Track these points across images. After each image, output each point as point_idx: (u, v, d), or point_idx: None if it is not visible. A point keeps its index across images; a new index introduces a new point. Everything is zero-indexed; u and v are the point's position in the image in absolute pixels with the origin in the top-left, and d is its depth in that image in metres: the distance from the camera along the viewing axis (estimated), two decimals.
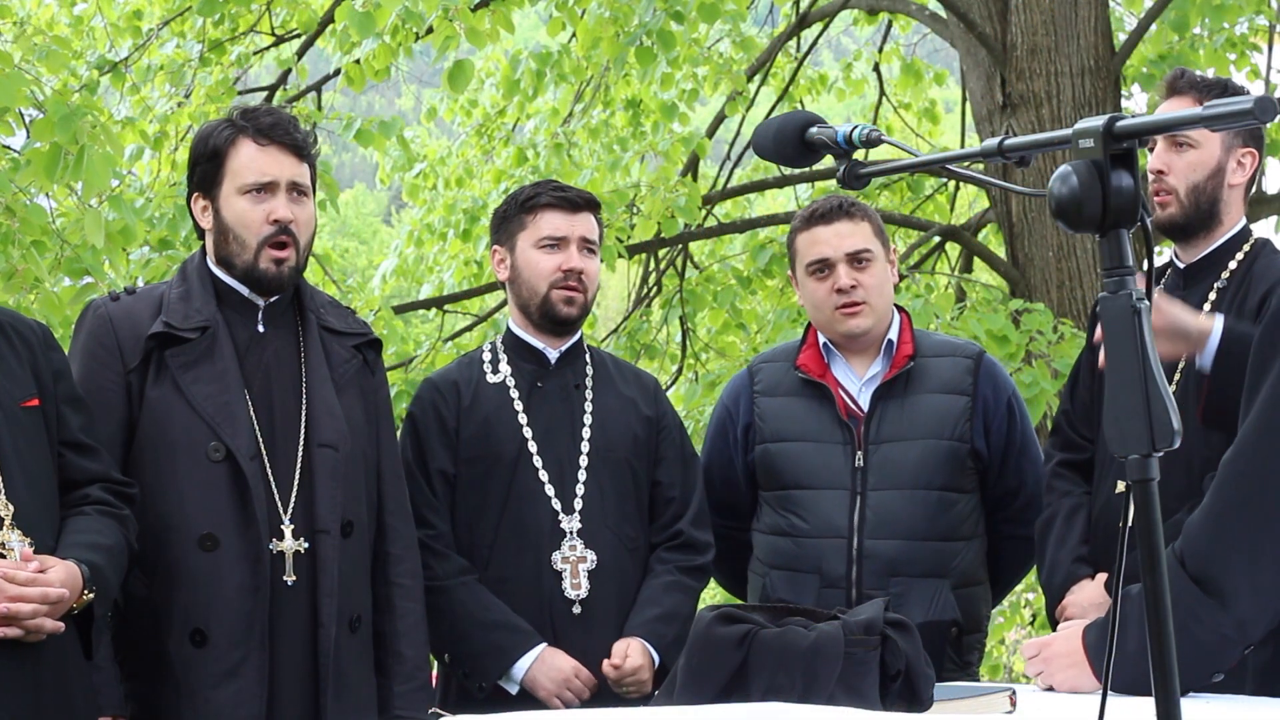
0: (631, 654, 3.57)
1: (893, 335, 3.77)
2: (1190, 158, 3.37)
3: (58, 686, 2.93)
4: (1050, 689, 2.82)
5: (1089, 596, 3.47)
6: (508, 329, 3.83)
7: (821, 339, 3.80)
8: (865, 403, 3.73)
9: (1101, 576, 3.47)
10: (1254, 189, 8.81)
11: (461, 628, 3.57)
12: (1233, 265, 3.40)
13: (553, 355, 3.76)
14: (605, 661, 3.57)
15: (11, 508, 2.90)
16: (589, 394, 3.76)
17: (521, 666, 3.55)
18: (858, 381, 3.77)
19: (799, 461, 3.72)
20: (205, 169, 3.36)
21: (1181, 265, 3.46)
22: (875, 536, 3.64)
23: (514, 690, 3.56)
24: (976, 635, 3.81)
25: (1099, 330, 3.36)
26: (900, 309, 3.85)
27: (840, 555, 3.65)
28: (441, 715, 2.87)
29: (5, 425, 2.96)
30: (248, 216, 3.32)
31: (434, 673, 3.73)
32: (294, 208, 3.33)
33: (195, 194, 3.40)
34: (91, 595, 2.93)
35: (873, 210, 3.84)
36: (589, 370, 3.80)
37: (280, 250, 3.32)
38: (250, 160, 3.32)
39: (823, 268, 3.73)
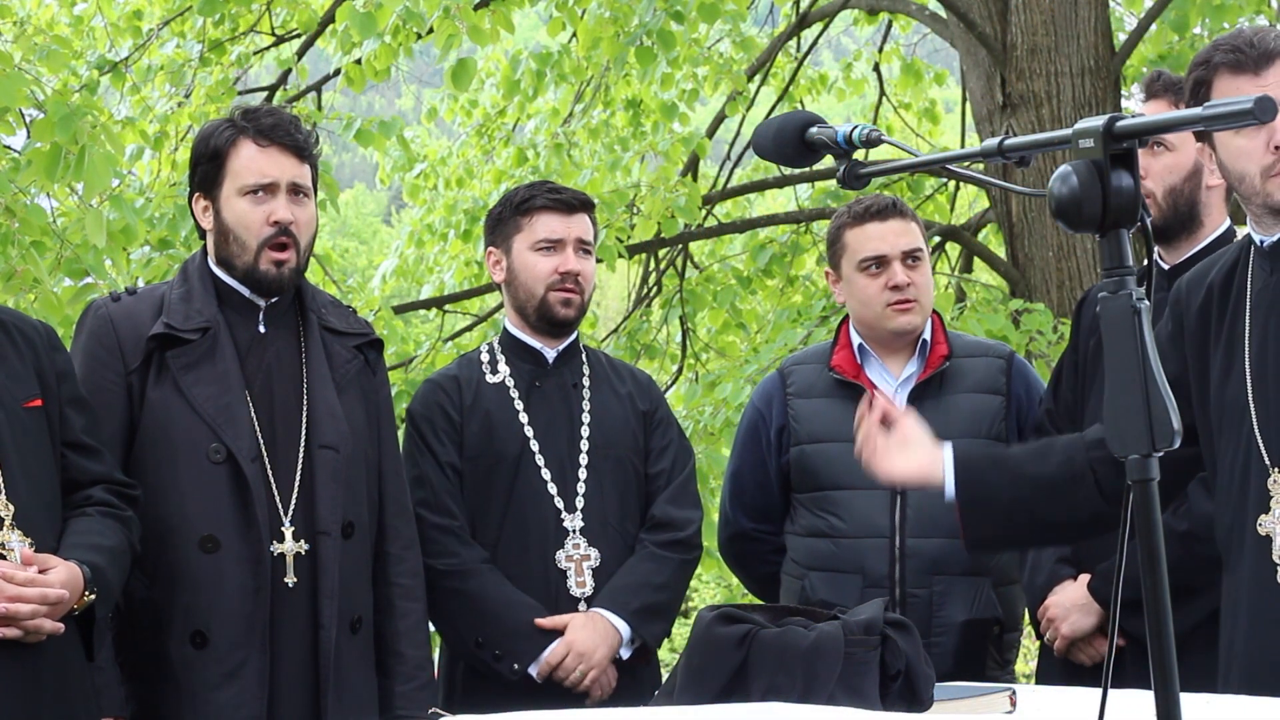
0: (569, 635, 3.54)
1: (926, 335, 3.77)
2: (1166, 160, 3.37)
3: (59, 687, 2.92)
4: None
5: (1071, 597, 3.47)
6: (504, 329, 3.84)
7: (855, 340, 3.79)
8: (901, 403, 3.71)
9: (1084, 578, 3.48)
10: None
11: (495, 609, 3.56)
12: None
13: (550, 355, 3.77)
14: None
15: (12, 508, 2.90)
16: (586, 393, 3.77)
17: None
18: (893, 382, 3.76)
19: (836, 462, 3.70)
20: (206, 169, 3.36)
21: (1166, 267, 3.46)
22: (917, 535, 3.63)
23: (537, 675, 3.56)
24: (1015, 634, 3.83)
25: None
26: (933, 310, 3.85)
27: (882, 555, 3.64)
28: (441, 715, 2.87)
29: (7, 425, 2.96)
30: (248, 218, 3.31)
31: (435, 672, 3.73)
32: (294, 209, 3.33)
33: (196, 194, 3.40)
34: (93, 596, 2.92)
35: (915, 212, 3.85)
36: (585, 369, 3.80)
37: (280, 251, 3.31)
38: (250, 161, 3.31)
39: (877, 264, 3.71)
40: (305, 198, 3.36)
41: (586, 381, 3.78)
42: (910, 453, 2.93)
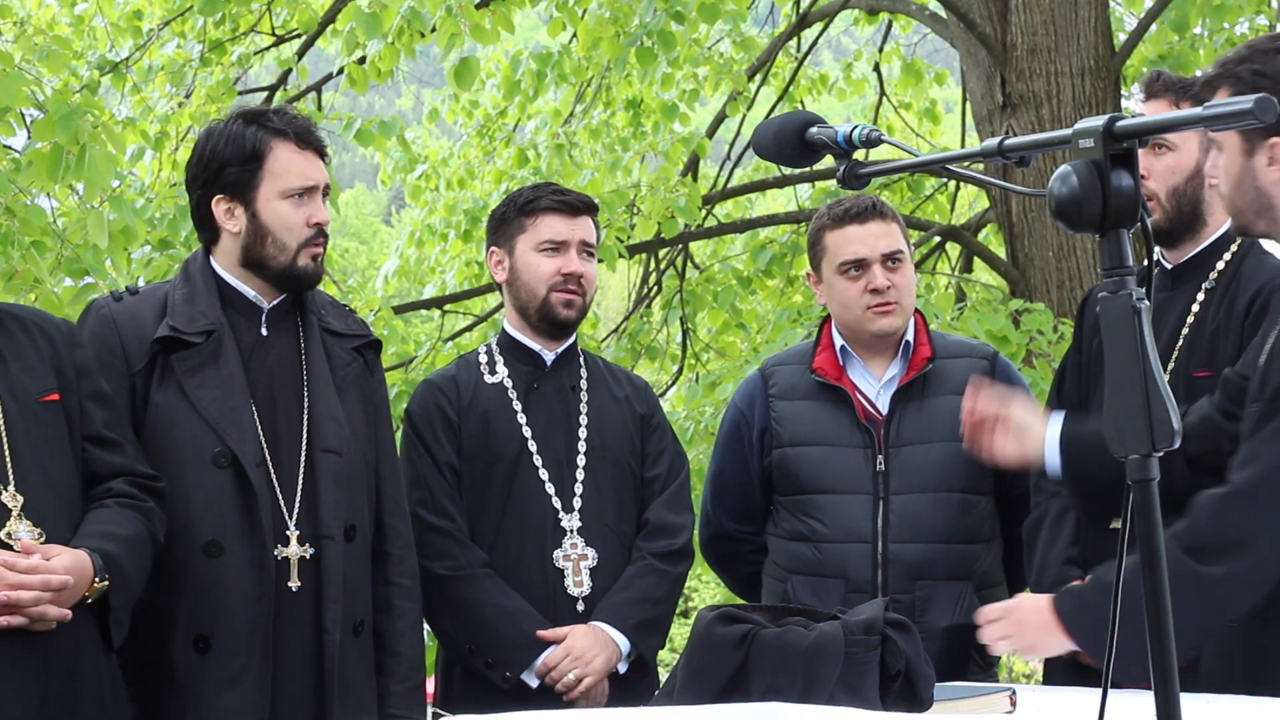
0: (570, 640, 3.55)
1: (909, 336, 3.76)
2: (1168, 161, 3.36)
3: (69, 675, 2.92)
4: (1015, 652, 3.01)
5: None
6: (503, 330, 3.84)
7: (838, 341, 3.78)
8: (883, 405, 3.70)
9: (1091, 579, 3.46)
10: None
11: (488, 617, 3.57)
12: (1220, 265, 3.38)
13: (549, 357, 3.77)
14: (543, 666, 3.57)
15: (21, 499, 2.91)
16: (584, 395, 3.77)
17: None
18: (875, 384, 3.74)
19: (819, 466, 3.69)
20: (237, 172, 3.30)
21: (1169, 266, 3.45)
22: (899, 540, 3.60)
23: (534, 683, 3.57)
24: None
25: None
26: (915, 310, 3.84)
27: (865, 560, 3.62)
28: (442, 715, 2.87)
29: (20, 417, 2.97)
30: (290, 219, 3.30)
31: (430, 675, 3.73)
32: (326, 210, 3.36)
33: (218, 196, 3.34)
34: (104, 584, 2.93)
35: (897, 211, 3.83)
36: (583, 372, 3.81)
37: (317, 248, 3.35)
38: (291, 164, 3.30)
39: (856, 267, 3.70)
40: (326, 199, 3.38)
41: (584, 384, 3.79)
42: (1021, 438, 3.19)
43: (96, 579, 2.92)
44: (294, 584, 3.23)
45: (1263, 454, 2.77)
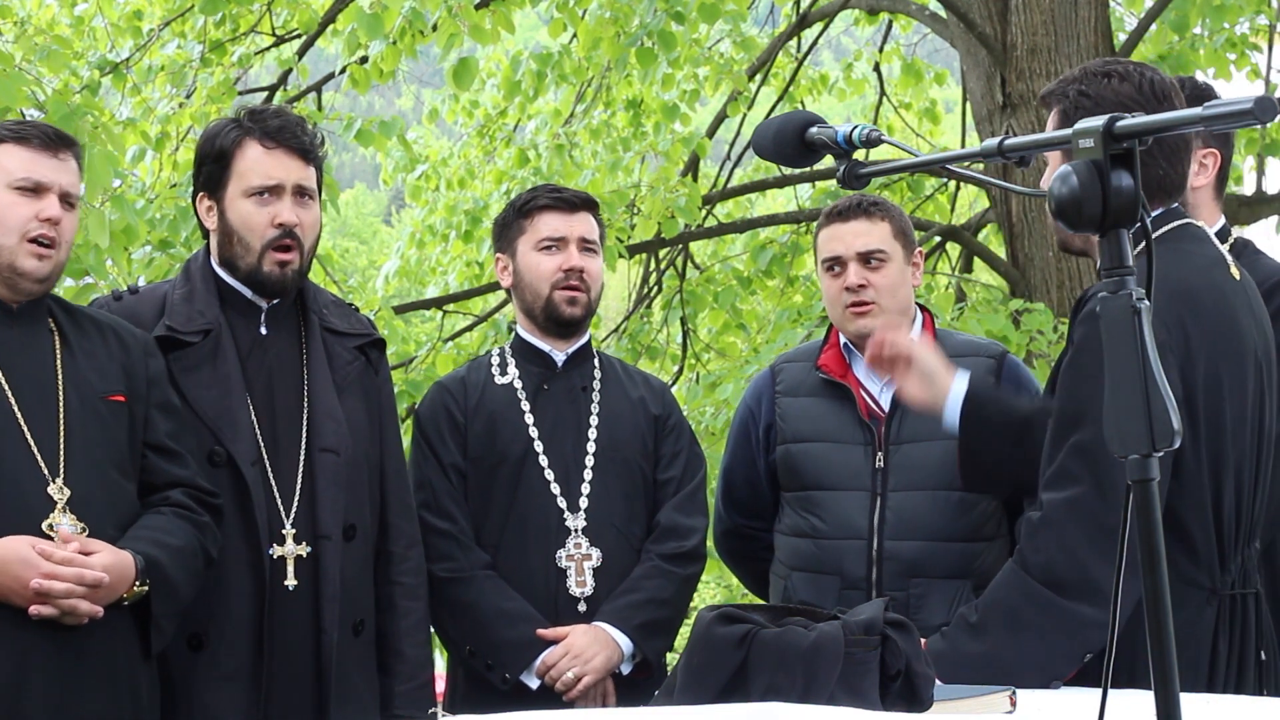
0: (570, 638, 3.56)
1: (916, 335, 3.75)
2: None
3: (102, 675, 2.92)
4: None
5: None
6: (515, 334, 3.84)
7: (843, 339, 3.79)
8: (887, 403, 3.70)
9: None
10: (1255, 189, 8.79)
11: (487, 618, 3.57)
12: None
13: (559, 358, 3.77)
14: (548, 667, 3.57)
15: (68, 492, 2.91)
16: (596, 395, 3.77)
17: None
18: (879, 382, 3.73)
19: (819, 462, 3.69)
20: (211, 170, 3.35)
21: None
22: (895, 538, 3.60)
23: (534, 685, 3.57)
24: None
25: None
26: (923, 309, 3.82)
27: (860, 557, 3.62)
28: (441, 715, 2.87)
29: (79, 411, 2.98)
30: (252, 219, 3.31)
31: (438, 674, 3.72)
32: (299, 211, 3.32)
33: (200, 194, 3.40)
34: (144, 589, 2.93)
35: (898, 210, 3.78)
36: (596, 373, 3.80)
37: (284, 253, 3.32)
38: (256, 163, 3.31)
39: (835, 265, 3.71)
40: (310, 200, 3.36)
41: (597, 385, 3.79)
42: (926, 384, 3.20)
43: (136, 582, 2.92)
44: (290, 583, 3.23)
45: (1073, 475, 2.78)
